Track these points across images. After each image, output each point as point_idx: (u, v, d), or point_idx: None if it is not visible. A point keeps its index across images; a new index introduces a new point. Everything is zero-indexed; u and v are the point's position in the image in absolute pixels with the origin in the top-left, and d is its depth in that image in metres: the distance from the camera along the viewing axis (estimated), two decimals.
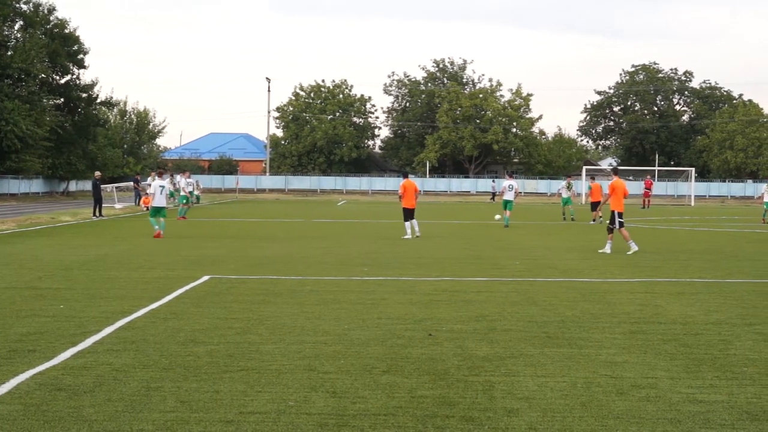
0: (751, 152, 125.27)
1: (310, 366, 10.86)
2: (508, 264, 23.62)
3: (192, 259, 23.84)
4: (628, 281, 20.10)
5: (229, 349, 11.77)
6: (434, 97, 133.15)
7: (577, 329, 13.66)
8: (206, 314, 14.68)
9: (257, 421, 8.53)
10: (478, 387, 9.93)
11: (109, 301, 15.93)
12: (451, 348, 12.09)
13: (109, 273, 20.57)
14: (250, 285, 18.65)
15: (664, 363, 11.28)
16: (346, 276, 20.46)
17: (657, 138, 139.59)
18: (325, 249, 27.83)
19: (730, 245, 31.93)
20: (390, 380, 10.19)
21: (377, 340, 12.60)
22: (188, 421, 8.51)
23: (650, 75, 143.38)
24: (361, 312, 15.12)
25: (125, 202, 61.37)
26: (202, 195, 76.72)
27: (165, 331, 13.08)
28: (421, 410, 8.97)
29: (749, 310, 15.79)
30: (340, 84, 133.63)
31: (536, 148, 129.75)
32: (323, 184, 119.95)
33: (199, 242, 29.99)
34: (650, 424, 8.60)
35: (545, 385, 10.07)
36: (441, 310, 15.39)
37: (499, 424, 8.55)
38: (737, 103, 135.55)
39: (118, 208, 53.96)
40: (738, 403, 9.37)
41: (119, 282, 18.87)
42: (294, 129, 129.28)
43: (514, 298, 16.95)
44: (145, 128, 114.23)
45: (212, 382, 10.01)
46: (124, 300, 16.11)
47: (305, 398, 9.37)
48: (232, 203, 74.17)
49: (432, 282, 19.52)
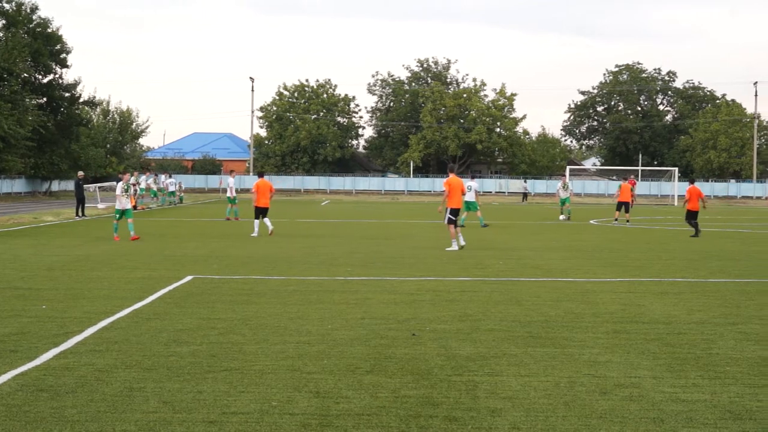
0: (734, 152, 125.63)
1: (293, 366, 10.85)
2: (491, 264, 23.64)
3: (175, 259, 23.80)
4: (611, 281, 20.15)
5: (212, 350, 11.76)
6: (418, 96, 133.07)
7: (560, 329, 13.69)
8: (189, 314, 14.66)
9: (240, 422, 8.52)
10: (461, 387, 9.94)
11: (92, 302, 15.89)
12: (435, 348, 12.10)
13: (92, 273, 20.52)
14: (233, 285, 18.63)
15: (647, 362, 11.31)
16: (330, 276, 20.45)
17: (640, 138, 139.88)
18: (309, 249, 27.81)
19: (713, 245, 32.01)
20: (373, 380, 10.20)
21: (361, 340, 12.61)
22: (171, 422, 8.49)
23: (634, 75, 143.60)
24: (344, 312, 15.12)
25: (108, 202, 61.14)
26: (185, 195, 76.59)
27: (148, 332, 13.05)
28: (404, 410, 8.97)
29: (732, 310, 15.84)
30: (324, 84, 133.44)
31: (520, 147, 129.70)
32: (307, 184, 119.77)
33: (182, 242, 29.93)
34: (633, 423, 8.62)
35: (528, 384, 10.09)
36: (424, 310, 15.41)
37: (482, 423, 8.56)
38: (720, 103, 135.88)
39: (101, 208, 53.75)
40: (721, 403, 9.40)
41: (102, 282, 18.82)
42: (278, 129, 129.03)
43: (497, 298, 16.97)
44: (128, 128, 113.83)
45: (195, 382, 10.00)
46: (107, 300, 16.08)
47: (288, 398, 9.37)
48: (215, 203, 74.04)
49: (415, 282, 19.53)
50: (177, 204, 65.70)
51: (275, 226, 35.33)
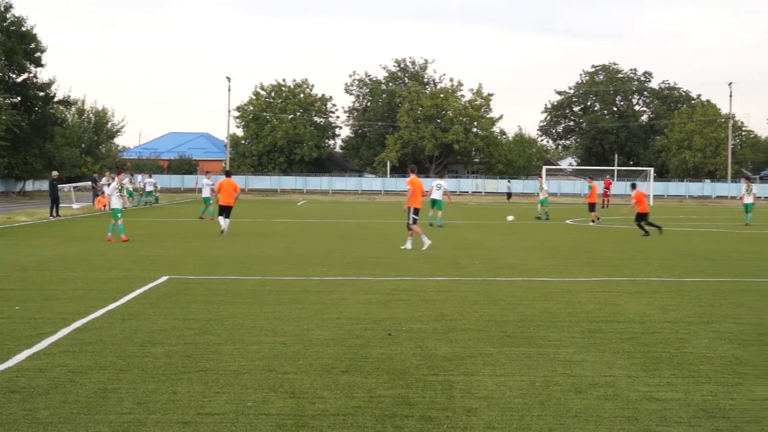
0: (709, 152, 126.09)
1: (269, 366, 10.84)
2: (467, 263, 23.66)
3: (150, 260, 23.72)
4: (587, 280, 20.20)
5: (188, 350, 11.73)
6: (395, 96, 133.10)
7: (536, 328, 13.72)
8: (164, 315, 14.62)
9: (215, 422, 8.51)
10: (437, 386, 9.95)
11: (66, 302, 15.83)
12: (411, 348, 12.11)
13: (66, 274, 20.44)
14: (208, 285, 18.59)
15: (622, 361, 11.35)
16: (306, 276, 20.42)
17: (616, 138, 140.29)
18: (285, 249, 27.77)
19: (688, 245, 32.14)
20: (349, 380, 10.19)
21: (336, 340, 12.60)
22: (145, 423, 8.47)
23: (610, 75, 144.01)
24: (320, 312, 15.11)
25: (83, 202, 60.97)
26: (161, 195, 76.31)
27: (122, 332, 13.01)
28: (380, 410, 8.98)
29: (706, 309, 15.91)
30: (301, 83, 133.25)
31: (497, 147, 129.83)
32: (283, 184, 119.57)
33: (157, 242, 29.83)
34: (608, 422, 8.65)
35: (504, 384, 10.11)
36: (400, 310, 15.41)
37: (458, 423, 8.57)
38: (696, 104, 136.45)
39: (75, 208, 53.58)
40: (694, 401, 9.45)
41: (76, 283, 18.75)
42: (254, 128, 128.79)
43: (473, 298, 16.99)
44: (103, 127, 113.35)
45: (170, 383, 9.98)
46: (81, 301, 16.01)
47: (264, 399, 9.36)
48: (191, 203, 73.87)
49: (391, 281, 19.53)
50: (153, 204, 65.47)
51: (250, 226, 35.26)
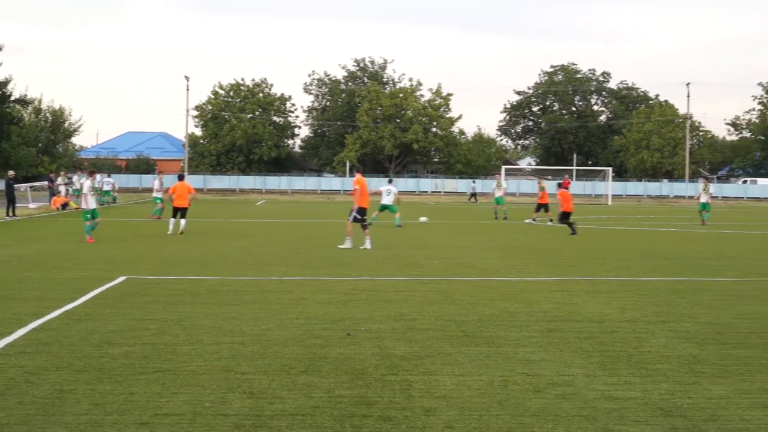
0: (666, 152, 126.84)
1: (227, 367, 10.81)
2: (427, 263, 23.69)
3: (108, 260, 23.57)
4: (545, 280, 20.27)
5: (145, 351, 11.67)
6: (354, 96, 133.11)
7: (494, 328, 13.75)
8: (122, 315, 14.54)
9: (173, 423, 8.47)
10: (396, 386, 9.95)
11: (22, 303, 15.69)
12: (370, 347, 12.10)
13: (23, 274, 20.28)
14: (166, 285, 18.50)
15: (580, 361, 11.40)
16: (265, 276, 20.39)
17: (575, 138, 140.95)
18: (244, 249, 27.70)
19: (645, 244, 32.34)
20: (308, 380, 10.18)
21: (295, 340, 12.58)
22: (102, 424, 8.42)
23: (568, 75, 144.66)
24: (279, 312, 15.08)
25: (39, 201, 60.55)
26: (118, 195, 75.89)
27: (79, 333, 12.93)
28: (338, 410, 8.96)
29: (663, 308, 16.01)
30: (260, 83, 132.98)
31: (456, 147, 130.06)
32: (242, 184, 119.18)
33: (115, 242, 29.65)
34: (566, 421, 8.68)
35: (463, 383, 10.12)
36: (359, 310, 15.40)
37: (416, 423, 8.57)
38: (653, 104, 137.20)
39: (32, 208, 53.26)
40: (652, 400, 9.50)
41: (33, 283, 18.61)
42: (213, 128, 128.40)
43: (432, 297, 17.01)
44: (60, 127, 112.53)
45: (127, 383, 9.92)
46: (38, 301, 15.89)
47: (222, 399, 9.33)
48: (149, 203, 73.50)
49: (350, 281, 19.53)
50: (110, 204, 65.11)
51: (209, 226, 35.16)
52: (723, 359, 11.62)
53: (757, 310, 15.94)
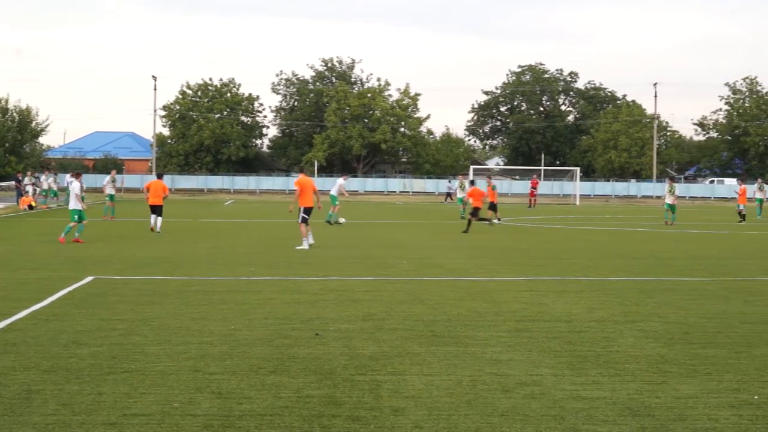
0: (634, 152, 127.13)
1: (195, 367, 10.79)
2: (395, 263, 23.69)
3: (76, 260, 23.46)
4: (514, 280, 20.34)
5: (113, 351, 11.64)
6: (322, 96, 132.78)
7: (463, 328, 13.78)
8: (89, 315, 14.48)
9: (141, 423, 8.45)
10: (364, 386, 9.96)
11: None
12: (338, 347, 12.11)
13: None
14: (134, 285, 18.45)
15: (548, 360, 11.44)
16: (233, 276, 20.35)
17: (543, 138, 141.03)
18: (212, 249, 27.63)
19: (613, 244, 32.50)
20: (276, 380, 10.18)
21: (264, 340, 12.57)
22: (70, 424, 8.39)
23: (536, 75, 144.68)
24: (247, 312, 15.07)
25: (6, 201, 60.21)
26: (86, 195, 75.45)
27: (47, 333, 12.88)
28: (307, 410, 8.97)
29: (631, 308, 16.08)
30: (228, 83, 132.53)
31: (424, 147, 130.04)
32: (210, 184, 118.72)
33: (84, 242, 29.51)
34: (534, 421, 8.71)
35: (431, 383, 10.14)
36: (328, 310, 15.42)
37: (385, 423, 8.59)
38: (621, 104, 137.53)
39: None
40: (620, 399, 9.54)
41: (0, 283, 18.51)
42: (181, 128, 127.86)
43: (401, 297, 17.03)
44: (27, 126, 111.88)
45: (95, 384, 9.89)
46: (5, 301, 15.80)
47: (190, 399, 9.31)
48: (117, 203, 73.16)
49: (319, 281, 19.52)
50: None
51: (177, 226, 35.10)
52: (691, 359, 11.69)
53: (724, 310, 16.04)
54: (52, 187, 62.76)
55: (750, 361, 11.59)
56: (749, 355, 11.99)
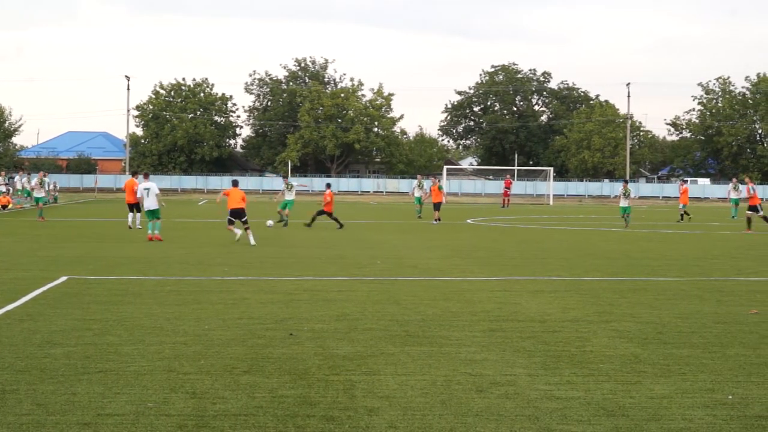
0: (607, 152, 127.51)
1: (169, 367, 10.77)
2: (369, 263, 23.70)
3: (49, 260, 23.37)
4: (488, 280, 20.37)
5: (87, 351, 11.60)
6: (296, 96, 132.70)
7: (437, 328, 13.79)
8: (63, 315, 14.44)
9: (115, 423, 8.43)
10: (338, 386, 9.96)
11: None
12: (312, 347, 12.10)
13: None
14: (108, 285, 18.39)
15: (522, 360, 11.46)
16: (207, 276, 20.32)
17: (516, 138, 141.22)
18: (186, 249, 27.58)
19: (587, 244, 32.61)
20: (251, 380, 10.17)
21: (238, 340, 12.56)
22: (44, 424, 8.37)
23: (509, 75, 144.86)
24: (221, 312, 15.05)
25: None
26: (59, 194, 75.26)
27: (20, 333, 12.83)
28: (281, 410, 8.97)
29: (605, 308, 16.12)
30: (201, 83, 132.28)
31: (398, 147, 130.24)
32: (184, 184, 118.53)
33: (56, 243, 29.43)
34: (509, 421, 8.73)
35: (406, 383, 10.15)
36: (302, 310, 15.41)
37: (359, 423, 8.59)
38: (594, 104, 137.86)
39: None
40: (594, 399, 9.57)
41: None
42: (154, 128, 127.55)
43: (375, 297, 17.03)
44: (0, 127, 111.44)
45: (69, 384, 9.86)
46: None
47: (165, 399, 9.29)
48: (90, 203, 72.99)
49: (293, 281, 19.51)
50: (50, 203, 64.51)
51: None
52: (665, 359, 11.72)
53: (698, 310, 16.10)
54: (26, 187, 62.48)
55: (724, 361, 11.63)
56: (723, 355, 12.02)
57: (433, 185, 47.66)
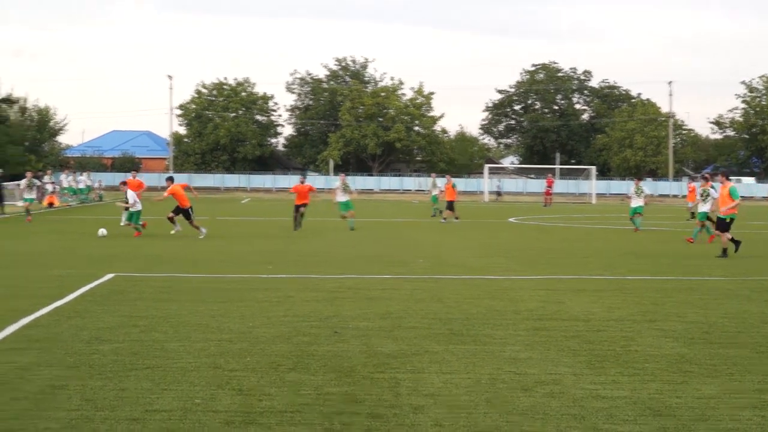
0: (650, 151, 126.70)
1: (215, 364, 10.81)
2: (412, 262, 23.69)
3: (95, 258, 23.51)
4: (530, 278, 20.30)
5: (134, 347, 11.67)
6: (337, 95, 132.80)
7: (481, 326, 13.75)
8: (110, 312, 14.53)
9: (163, 419, 8.48)
10: (384, 384, 9.96)
11: (12, 300, 15.66)
12: (357, 345, 12.11)
13: (10, 271, 20.24)
14: (154, 283, 18.49)
15: (567, 359, 11.41)
16: (251, 274, 20.36)
17: (558, 136, 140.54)
18: (230, 247, 27.67)
19: (630, 243, 32.41)
20: (296, 377, 10.18)
21: (283, 337, 12.58)
22: (93, 419, 8.43)
23: (550, 74, 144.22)
24: (266, 309, 15.08)
25: None
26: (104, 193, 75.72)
27: (69, 330, 12.93)
28: (327, 407, 8.98)
29: (650, 307, 16.01)
30: (243, 82, 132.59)
31: (438, 146, 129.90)
32: (227, 182, 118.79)
33: (101, 240, 29.59)
34: (554, 419, 8.69)
35: (450, 381, 10.13)
36: (346, 308, 15.42)
37: (405, 420, 8.59)
38: (636, 102, 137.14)
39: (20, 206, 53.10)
40: (641, 399, 9.50)
41: (21, 280, 18.57)
42: (197, 127, 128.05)
43: (419, 296, 17.01)
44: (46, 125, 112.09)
45: (117, 380, 9.93)
46: (28, 298, 15.82)
47: (211, 396, 9.33)
48: None
49: (337, 279, 19.53)
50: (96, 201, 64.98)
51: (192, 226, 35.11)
52: (712, 359, 11.62)
53: (745, 309, 15.96)
54: (72, 185, 62.96)
55: None
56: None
57: (447, 183, 47.41)
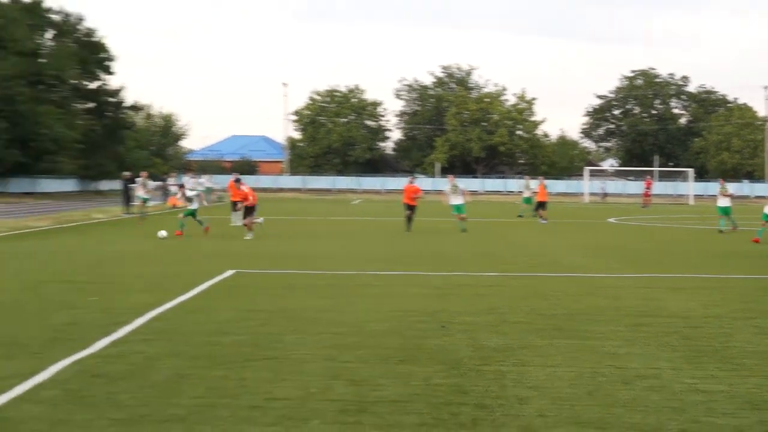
0: (747, 153, 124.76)
1: (329, 356, 10.90)
2: (516, 260, 23.61)
3: (214, 255, 23.80)
4: (630, 276, 20.09)
5: (253, 340, 11.82)
6: (442, 101, 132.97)
7: (582, 322, 13.66)
8: (231, 306, 14.73)
9: (282, 407, 8.58)
10: (489, 376, 9.95)
11: (139, 294, 15.95)
12: (464, 339, 12.12)
13: (139, 268, 20.59)
14: (272, 279, 18.71)
15: (666, 354, 11.28)
16: (363, 270, 20.45)
17: (656, 140, 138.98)
18: (342, 245, 27.84)
19: (728, 242, 31.87)
20: (406, 369, 10.22)
21: (393, 331, 12.63)
22: (217, 406, 8.57)
23: (648, 80, 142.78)
24: (377, 304, 15.15)
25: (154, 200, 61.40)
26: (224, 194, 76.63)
27: (193, 322, 13.14)
28: (436, 398, 9.00)
29: (748, 305, 15.72)
30: (353, 89, 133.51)
31: (540, 149, 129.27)
32: (339, 184, 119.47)
33: (219, 240, 29.95)
34: (655, 412, 8.61)
35: (553, 374, 10.09)
36: (453, 303, 15.41)
37: (510, 411, 8.58)
38: (732, 107, 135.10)
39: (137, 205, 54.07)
40: (739, 393, 9.36)
41: (148, 276, 18.91)
42: (310, 131, 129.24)
43: (523, 292, 16.95)
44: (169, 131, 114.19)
45: (238, 370, 10.07)
46: (153, 293, 16.11)
47: (327, 386, 9.41)
48: None
49: (444, 276, 19.53)
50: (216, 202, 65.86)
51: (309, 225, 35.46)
52: None
53: None
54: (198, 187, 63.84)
55: None
56: None
57: (539, 184, 46.91)
